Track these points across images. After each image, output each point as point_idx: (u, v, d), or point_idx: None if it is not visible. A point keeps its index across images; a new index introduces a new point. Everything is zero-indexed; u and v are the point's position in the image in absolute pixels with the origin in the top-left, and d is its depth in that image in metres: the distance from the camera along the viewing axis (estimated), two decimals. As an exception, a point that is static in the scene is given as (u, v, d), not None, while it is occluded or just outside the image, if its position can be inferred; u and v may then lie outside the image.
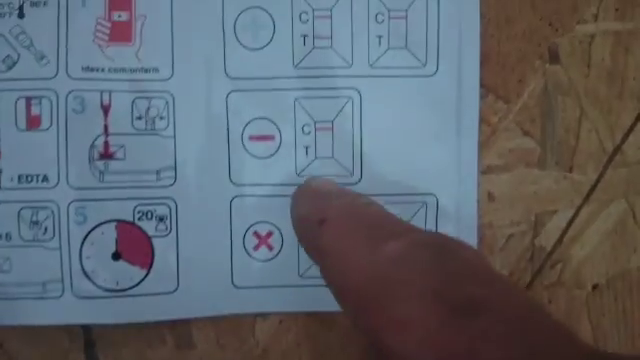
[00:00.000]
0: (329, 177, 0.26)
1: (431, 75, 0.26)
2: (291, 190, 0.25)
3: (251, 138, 0.26)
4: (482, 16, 0.26)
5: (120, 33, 0.26)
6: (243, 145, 0.26)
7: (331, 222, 0.21)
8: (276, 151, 0.26)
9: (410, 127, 0.26)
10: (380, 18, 0.26)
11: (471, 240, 0.27)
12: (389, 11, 0.26)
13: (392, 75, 0.26)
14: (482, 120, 0.27)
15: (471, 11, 0.26)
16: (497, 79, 0.27)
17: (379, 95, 0.26)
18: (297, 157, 0.26)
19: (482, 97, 0.27)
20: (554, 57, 0.27)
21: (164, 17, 0.26)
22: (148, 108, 0.26)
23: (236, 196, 0.26)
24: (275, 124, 0.26)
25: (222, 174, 0.26)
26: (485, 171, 0.27)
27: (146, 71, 0.26)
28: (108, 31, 0.26)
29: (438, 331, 0.16)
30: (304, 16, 0.26)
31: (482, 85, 0.27)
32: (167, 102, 0.26)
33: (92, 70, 0.25)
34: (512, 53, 0.27)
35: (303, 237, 0.23)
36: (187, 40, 0.26)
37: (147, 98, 0.26)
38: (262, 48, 0.26)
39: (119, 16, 0.26)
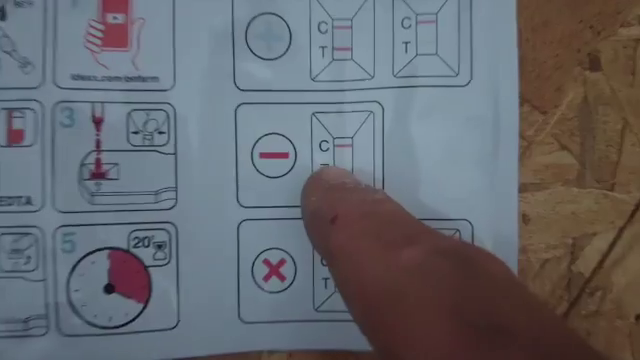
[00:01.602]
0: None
1: (464, 85, 0.24)
2: (306, 214, 0.22)
3: (262, 155, 0.24)
4: (517, 16, 0.24)
5: (115, 37, 0.23)
6: (253, 163, 0.23)
7: (343, 220, 0.19)
8: (290, 170, 0.24)
9: (439, 144, 0.24)
10: (407, 23, 0.24)
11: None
12: (417, 15, 0.24)
13: (419, 85, 0.23)
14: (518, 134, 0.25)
15: (507, 14, 0.24)
16: (533, 88, 0.25)
17: (404, 108, 0.24)
18: (313, 176, 0.24)
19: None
20: (595, 64, 0.25)
21: (165, 20, 0.23)
22: (146, 121, 0.23)
23: (244, 220, 0.23)
24: (289, 140, 0.24)
25: (229, 195, 0.23)
26: (519, 190, 0.25)
27: (144, 80, 0.23)
28: (102, 35, 0.23)
29: (458, 357, 0.14)
30: (323, 26, 0.24)
31: (518, 95, 0.24)
32: (167, 115, 0.23)
33: (83, 78, 0.23)
34: (549, 59, 0.25)
35: (313, 234, 0.21)
36: (191, 46, 0.23)
37: (145, 110, 0.23)
38: (277, 59, 0.24)
39: (114, 18, 0.23)
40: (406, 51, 0.24)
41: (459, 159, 0.24)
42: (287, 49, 0.24)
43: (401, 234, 0.18)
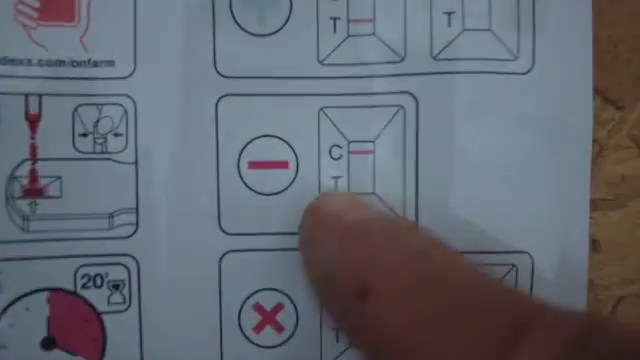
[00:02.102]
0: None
1: (525, 72, 0.18)
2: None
3: (252, 165, 0.18)
4: None
5: (57, 7, 0.17)
6: (240, 175, 0.18)
7: (384, 296, 0.13)
8: (290, 184, 0.18)
9: (490, 152, 0.18)
10: None
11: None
12: (464, -26, 0.17)
13: (466, 71, 0.17)
14: None
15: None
16: (607, 75, 0.19)
17: (444, 103, 0.18)
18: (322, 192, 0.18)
19: None
20: None
21: (123, -16, 0.17)
22: (97, 120, 0.17)
23: (228, 251, 0.18)
24: (288, 144, 0.18)
25: (207, 219, 0.18)
26: (590, 210, 0.19)
27: (95, 65, 0.17)
28: (38, 5, 0.17)
29: None
30: None
31: None
32: (126, 111, 0.17)
33: (12, 63, 0.17)
34: (628, 39, 0.19)
35: (333, 311, 0.16)
36: (158, 20, 0.17)
37: (96, 105, 0.17)
38: (271, 34, 0.18)
39: (55, -19, 0.17)
40: (449, 25, 0.18)
41: (516, 173, 0.18)
42: (286, 21, 0.18)
43: (497, 320, 0.12)
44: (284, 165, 0.18)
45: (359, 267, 0.14)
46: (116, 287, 0.18)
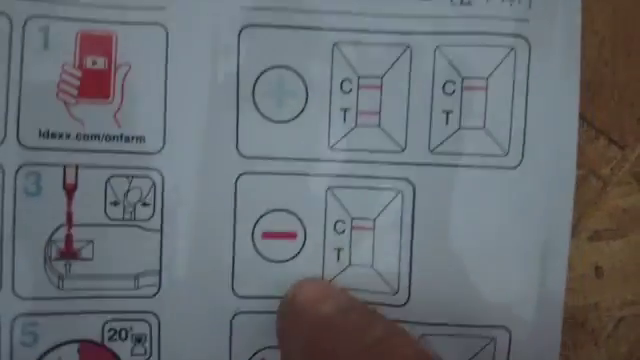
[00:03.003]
0: (364, 293, 0.20)
1: (514, 167, 0.19)
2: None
3: (265, 235, 0.20)
4: (595, 35, 0.20)
5: (94, 86, 0.19)
6: (254, 244, 0.20)
7: None
8: (298, 253, 0.20)
9: (480, 236, 0.20)
10: (450, 88, 0.19)
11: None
12: (463, 79, 0.19)
13: (460, 164, 0.19)
14: (591, 172, 0.21)
15: (570, 83, 0.19)
16: (611, 117, 0.21)
17: (439, 190, 0.20)
18: (325, 262, 0.20)
19: (592, 141, 0.21)
20: None
21: (156, 68, 0.19)
22: (128, 190, 0.19)
23: (239, 312, 0.20)
24: (299, 218, 0.20)
25: (223, 282, 0.20)
26: (592, 238, 0.21)
27: (127, 140, 0.19)
28: (78, 83, 0.19)
29: None
30: (347, 84, 0.19)
31: (592, 127, 0.21)
32: (154, 183, 0.19)
33: (53, 136, 0.19)
34: (631, 83, 0.21)
35: None
36: (186, 101, 0.19)
37: (127, 177, 0.19)
38: (289, 121, 0.19)
39: (94, 63, 0.19)
40: (447, 122, 0.19)
41: (502, 254, 0.20)
42: (302, 110, 0.19)
43: None
44: (293, 236, 0.20)
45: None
46: (139, 340, 0.20)
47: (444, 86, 0.19)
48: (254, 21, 0.19)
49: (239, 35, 0.19)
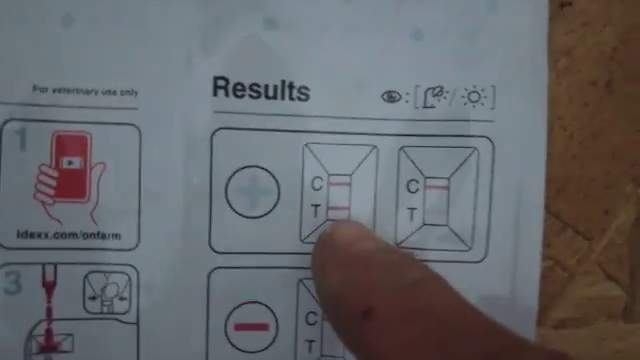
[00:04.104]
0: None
1: (478, 261, 0.20)
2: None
3: (237, 327, 0.20)
4: (564, 129, 0.21)
5: (70, 186, 0.19)
6: (226, 336, 0.20)
7: (382, 317, 0.15)
8: (270, 344, 0.20)
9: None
10: (414, 187, 0.20)
11: None
12: (426, 179, 0.20)
13: (426, 259, 0.20)
14: (557, 263, 0.21)
15: (535, 180, 0.20)
16: (578, 210, 0.21)
17: (407, 283, 0.20)
18: (297, 354, 0.21)
19: (558, 233, 0.21)
20: None
21: (130, 167, 0.19)
22: (105, 286, 0.20)
23: (215, 401, 0.21)
24: (270, 310, 0.20)
25: (198, 373, 0.20)
26: (558, 325, 0.22)
27: (104, 237, 0.20)
28: (55, 183, 0.19)
29: None
30: (317, 182, 0.20)
31: (559, 218, 0.21)
32: (130, 279, 0.20)
33: (32, 236, 0.19)
34: (599, 177, 0.21)
35: (339, 328, 0.17)
36: (159, 200, 0.20)
37: (104, 273, 0.20)
38: (261, 217, 0.20)
39: (69, 163, 0.19)
40: (411, 219, 0.20)
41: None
42: (274, 206, 0.20)
43: (475, 348, 0.14)
44: (265, 328, 0.21)
45: (364, 290, 0.16)
46: None
47: (408, 184, 0.20)
48: (227, 124, 0.19)
49: (212, 137, 0.20)
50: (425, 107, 0.20)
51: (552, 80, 0.20)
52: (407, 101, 0.20)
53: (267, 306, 0.20)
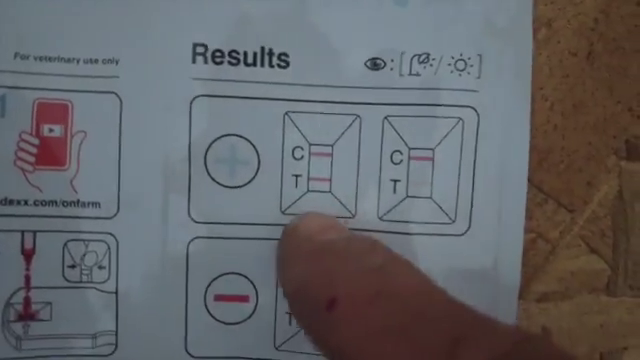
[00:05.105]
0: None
1: (461, 234, 0.20)
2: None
3: (217, 298, 0.20)
4: (544, 99, 0.20)
5: (51, 154, 0.19)
6: (206, 307, 0.20)
7: (346, 306, 0.15)
8: (249, 316, 0.20)
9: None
10: (397, 158, 0.20)
11: None
12: (410, 150, 0.20)
13: (408, 232, 0.20)
14: (539, 235, 0.21)
15: (519, 150, 0.20)
16: (560, 182, 0.21)
17: (389, 255, 0.20)
18: (277, 326, 0.20)
19: (540, 205, 0.21)
20: (633, 152, 0.21)
21: (111, 135, 0.19)
22: (84, 254, 0.20)
23: (195, 371, 0.20)
24: (251, 282, 0.20)
25: (176, 344, 0.20)
26: (540, 299, 0.22)
27: (84, 206, 0.20)
28: (35, 150, 0.19)
29: None
30: (298, 151, 0.20)
31: (541, 190, 0.21)
32: (109, 247, 0.20)
33: (11, 203, 0.19)
34: (580, 149, 0.21)
35: (302, 321, 0.17)
36: (139, 169, 0.20)
37: (83, 241, 0.20)
38: (241, 187, 0.20)
39: (50, 130, 0.19)
40: (394, 191, 0.20)
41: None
42: (254, 176, 0.20)
43: (439, 331, 0.13)
44: (245, 299, 0.20)
45: (327, 280, 0.16)
46: (96, 397, 0.20)
47: (392, 155, 0.20)
48: (206, 91, 0.19)
49: (191, 104, 0.19)
50: (411, 75, 0.19)
51: (533, 51, 0.20)
52: (392, 68, 0.20)
53: (247, 277, 0.20)
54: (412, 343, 0.13)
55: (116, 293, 0.20)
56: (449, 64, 0.19)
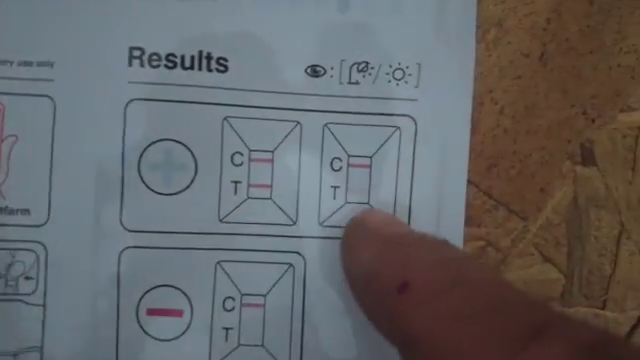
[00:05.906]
0: None
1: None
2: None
3: (149, 312, 0.19)
4: (494, 103, 0.20)
5: (-21, 159, 0.19)
6: (138, 321, 0.19)
7: (419, 290, 0.14)
8: (183, 332, 0.19)
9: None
10: (337, 165, 0.19)
11: None
12: (349, 157, 0.19)
13: (347, 238, 0.19)
14: (489, 244, 0.20)
15: (458, 157, 0.19)
16: (511, 188, 0.20)
17: (330, 263, 0.19)
18: (213, 342, 0.19)
19: (490, 212, 0.20)
20: (588, 157, 0.20)
21: (42, 141, 0.19)
22: (10, 264, 0.19)
23: (124, 391, 0.19)
24: (185, 295, 0.19)
25: (106, 361, 0.19)
26: None
27: (12, 213, 0.19)
28: (-39, 155, 0.19)
29: None
30: (237, 157, 0.19)
31: (490, 197, 0.20)
32: (37, 257, 0.19)
33: None
34: (533, 153, 0.20)
35: (369, 304, 0.17)
36: (71, 175, 0.19)
37: (10, 250, 0.19)
38: (176, 194, 0.19)
39: (-19, 134, 0.19)
40: (334, 197, 0.19)
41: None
42: (191, 183, 0.19)
43: (520, 319, 0.13)
44: (179, 313, 0.19)
45: (400, 266, 0.15)
46: (17, 419, 0.19)
47: (332, 162, 0.19)
48: (142, 95, 0.19)
49: (126, 108, 0.19)
50: (350, 83, 0.19)
51: (481, 52, 0.19)
52: (332, 76, 0.19)
53: (181, 290, 0.19)
54: (489, 329, 0.13)
55: (44, 306, 0.19)
56: (387, 73, 0.19)
